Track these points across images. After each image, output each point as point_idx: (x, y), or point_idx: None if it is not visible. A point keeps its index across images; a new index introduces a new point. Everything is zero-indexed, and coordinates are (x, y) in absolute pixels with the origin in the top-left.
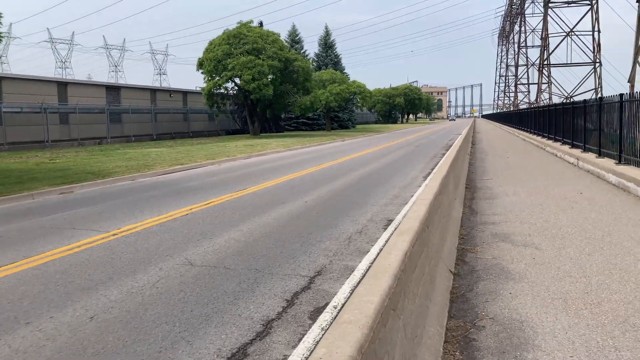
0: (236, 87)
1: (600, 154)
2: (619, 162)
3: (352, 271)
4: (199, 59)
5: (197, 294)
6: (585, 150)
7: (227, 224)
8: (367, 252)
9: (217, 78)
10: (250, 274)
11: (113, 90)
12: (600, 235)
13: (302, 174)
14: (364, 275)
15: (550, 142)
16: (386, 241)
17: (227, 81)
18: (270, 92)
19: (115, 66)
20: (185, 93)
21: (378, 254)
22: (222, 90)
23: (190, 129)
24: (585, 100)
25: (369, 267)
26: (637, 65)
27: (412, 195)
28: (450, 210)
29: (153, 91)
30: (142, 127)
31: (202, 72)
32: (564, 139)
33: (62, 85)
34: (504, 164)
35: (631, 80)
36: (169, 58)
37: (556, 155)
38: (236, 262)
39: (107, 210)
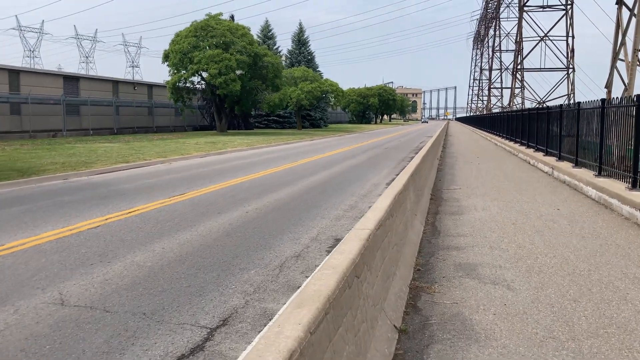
0: (203, 82)
1: (577, 164)
2: (599, 173)
3: (270, 318)
4: (165, 51)
5: (42, 356)
6: (560, 158)
7: (140, 242)
8: (298, 287)
9: (183, 72)
10: (132, 321)
11: (71, 80)
12: (586, 269)
13: (255, 177)
14: None
15: (522, 148)
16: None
17: (193, 75)
18: (238, 87)
19: (87, 57)
20: (150, 86)
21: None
22: (188, 85)
23: (154, 123)
24: (561, 105)
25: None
26: (615, 70)
27: (369, 207)
28: (406, 232)
29: (115, 83)
30: (102, 120)
31: (167, 65)
32: (538, 146)
33: (14, 74)
34: (474, 171)
35: (608, 86)
36: (142, 51)
37: (529, 163)
38: (123, 300)
39: (4, 219)
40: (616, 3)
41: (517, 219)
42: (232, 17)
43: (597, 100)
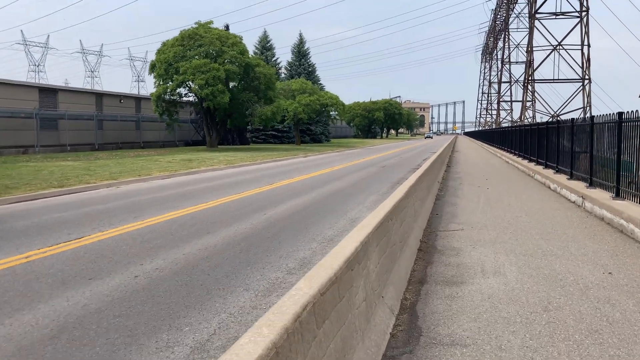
0: (191, 94)
1: (618, 194)
2: None
3: None
4: (152, 61)
5: None
6: (591, 184)
7: None
8: None
9: (170, 83)
10: None
11: (48, 92)
12: None
13: (202, 208)
14: None
15: (539, 168)
16: None
17: (179, 86)
18: (226, 99)
19: (92, 72)
20: (139, 99)
21: None
22: (175, 97)
23: (142, 139)
24: (593, 116)
25: None
26: None
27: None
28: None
29: (99, 96)
30: (82, 135)
31: (153, 77)
32: (559, 166)
33: None
34: (482, 199)
35: None
36: (149, 65)
37: (549, 187)
38: None
39: None
40: None
41: (549, 297)
42: (226, 26)
43: None
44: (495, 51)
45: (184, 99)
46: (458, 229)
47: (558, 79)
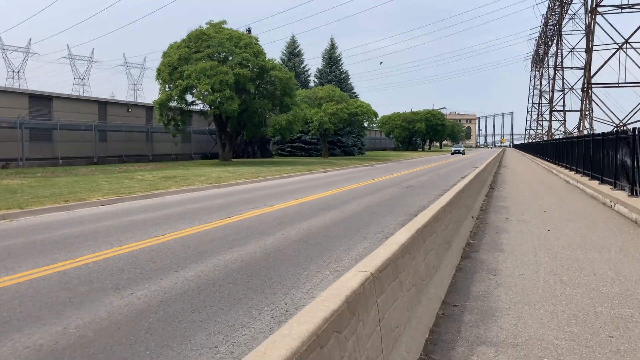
0: (199, 101)
1: None
2: None
3: None
4: (158, 66)
5: None
6: None
7: None
8: None
9: (175, 89)
10: None
11: (40, 100)
12: None
13: (47, 274)
14: None
15: (621, 194)
16: None
17: (183, 92)
18: (235, 107)
19: (135, 84)
20: (150, 108)
21: None
22: (182, 105)
23: (153, 151)
24: None
25: None
26: None
27: None
28: None
29: (103, 104)
30: (80, 147)
31: (159, 83)
32: None
33: None
34: (543, 260)
35: None
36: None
37: None
38: None
39: None
40: None
41: None
42: (248, 29)
43: None
44: (546, 58)
45: (193, 107)
46: None
47: (626, 82)
